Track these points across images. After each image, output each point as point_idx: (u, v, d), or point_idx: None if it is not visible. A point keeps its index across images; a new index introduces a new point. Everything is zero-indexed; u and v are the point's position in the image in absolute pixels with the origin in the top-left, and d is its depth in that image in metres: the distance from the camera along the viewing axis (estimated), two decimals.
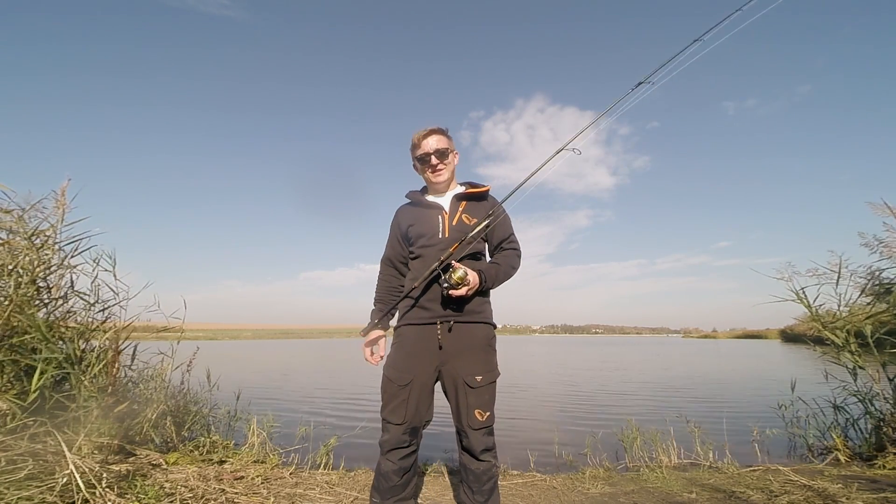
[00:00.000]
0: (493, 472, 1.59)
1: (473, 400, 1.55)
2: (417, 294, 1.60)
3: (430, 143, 1.67)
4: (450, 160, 1.70)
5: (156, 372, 2.80)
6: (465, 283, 1.47)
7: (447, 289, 1.47)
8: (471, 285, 1.50)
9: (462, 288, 1.48)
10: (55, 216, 2.64)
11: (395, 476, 1.53)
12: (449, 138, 1.72)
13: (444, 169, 1.69)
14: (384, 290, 1.80)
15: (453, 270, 1.47)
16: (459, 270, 1.47)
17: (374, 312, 1.77)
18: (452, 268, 1.48)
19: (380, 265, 1.84)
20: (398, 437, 1.53)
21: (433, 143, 1.67)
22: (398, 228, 1.77)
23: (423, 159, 1.68)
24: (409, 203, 1.79)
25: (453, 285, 1.46)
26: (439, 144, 1.67)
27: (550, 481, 2.48)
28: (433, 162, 1.67)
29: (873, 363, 2.91)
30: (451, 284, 1.46)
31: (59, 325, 2.48)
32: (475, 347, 1.59)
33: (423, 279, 1.56)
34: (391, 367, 1.61)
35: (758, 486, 2.26)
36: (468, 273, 1.49)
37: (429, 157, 1.66)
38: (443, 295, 1.51)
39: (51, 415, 2.12)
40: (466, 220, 1.65)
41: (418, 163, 1.71)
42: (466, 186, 1.76)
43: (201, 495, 1.96)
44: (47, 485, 1.63)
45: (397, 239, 1.77)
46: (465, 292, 1.50)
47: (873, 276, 3.14)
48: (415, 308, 1.61)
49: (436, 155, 1.66)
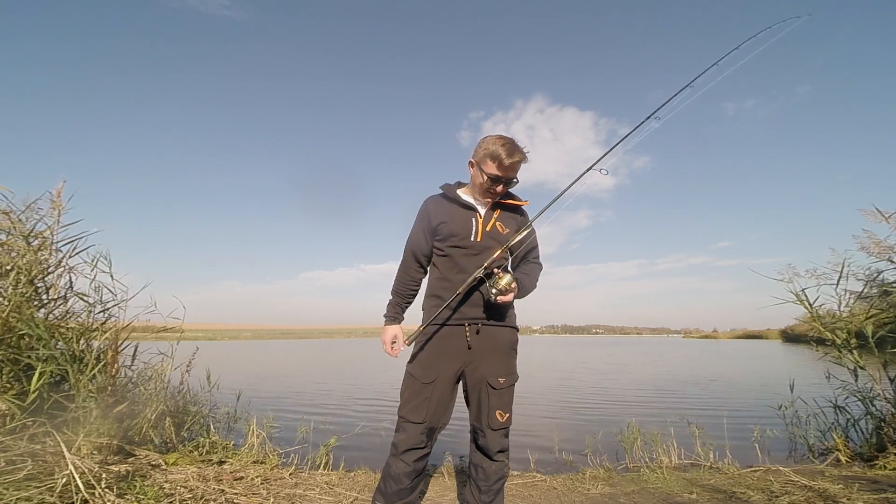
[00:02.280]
0: (504, 473, 1.60)
1: (495, 401, 1.55)
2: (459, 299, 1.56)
3: (515, 170, 1.57)
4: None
5: (155, 372, 2.80)
6: (511, 290, 1.48)
7: (496, 294, 1.46)
8: (515, 292, 1.51)
9: (510, 294, 1.48)
10: (51, 217, 2.65)
11: (406, 479, 1.51)
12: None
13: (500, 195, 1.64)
14: (404, 283, 1.73)
15: (499, 277, 1.46)
16: (507, 276, 1.47)
17: (392, 305, 1.72)
18: (497, 274, 1.47)
19: (404, 254, 1.74)
20: (416, 436, 1.51)
21: (516, 172, 1.58)
22: (427, 221, 1.66)
23: (496, 179, 1.55)
24: (442, 196, 1.69)
25: (502, 291, 1.46)
26: (517, 173, 1.59)
27: (550, 482, 2.47)
28: (500, 190, 1.59)
29: (874, 363, 2.91)
30: (499, 290, 1.46)
31: (59, 325, 2.48)
32: (500, 350, 1.59)
33: (467, 285, 1.51)
34: (416, 366, 1.59)
35: (758, 486, 2.25)
36: (515, 280, 1.49)
37: (501, 181, 1.56)
38: (486, 301, 1.52)
39: (50, 415, 2.12)
40: (500, 228, 1.62)
41: (487, 176, 1.56)
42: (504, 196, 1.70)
43: (201, 496, 1.96)
44: (46, 485, 1.62)
45: (424, 232, 1.68)
46: (511, 298, 1.51)
47: (872, 277, 3.13)
48: (444, 309, 1.58)
49: (507, 184, 1.59)
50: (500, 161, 1.52)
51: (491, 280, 1.48)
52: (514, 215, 1.69)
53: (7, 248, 2.43)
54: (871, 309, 3.04)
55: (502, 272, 1.48)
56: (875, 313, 3.00)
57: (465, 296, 1.57)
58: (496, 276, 1.47)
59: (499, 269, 1.50)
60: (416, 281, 1.74)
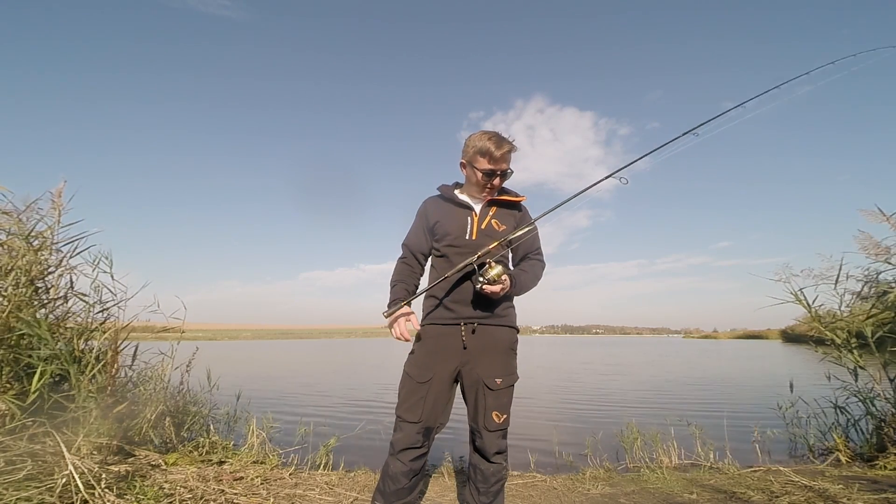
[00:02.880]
0: (502, 475, 1.59)
1: (492, 402, 1.54)
2: (447, 287, 1.55)
3: (506, 160, 1.59)
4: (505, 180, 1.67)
5: (155, 372, 2.80)
6: (500, 282, 1.44)
7: (483, 283, 1.43)
8: (505, 285, 1.48)
9: (497, 285, 1.45)
10: (52, 217, 2.65)
11: (403, 478, 1.50)
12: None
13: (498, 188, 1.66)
14: (404, 273, 1.71)
15: (490, 267, 1.43)
16: (497, 267, 1.43)
17: (398, 290, 1.67)
18: (489, 265, 1.44)
19: (401, 249, 1.75)
20: (412, 436, 1.51)
21: (507, 162, 1.59)
22: (425, 220, 1.70)
23: (490, 174, 1.58)
24: (440, 196, 1.73)
25: (489, 281, 1.42)
26: (509, 165, 1.60)
27: (550, 482, 2.47)
28: (496, 183, 1.61)
29: (874, 363, 2.91)
30: (487, 280, 1.42)
31: (59, 325, 2.48)
32: (497, 350, 1.58)
33: (456, 270, 1.50)
34: (412, 365, 1.59)
35: (758, 486, 2.25)
36: (505, 272, 1.47)
37: (495, 174, 1.58)
38: (475, 291, 1.49)
39: (50, 415, 2.12)
40: (496, 225, 1.62)
41: (480, 175, 1.59)
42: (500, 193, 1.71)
43: (200, 496, 1.96)
44: (46, 485, 1.63)
45: (423, 229, 1.70)
46: (500, 290, 1.47)
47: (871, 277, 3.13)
48: (439, 308, 1.58)
49: (502, 176, 1.60)
50: (490, 155, 1.56)
51: (481, 269, 1.45)
52: (511, 212, 1.68)
53: (7, 248, 2.43)
54: (872, 309, 3.04)
55: (494, 262, 1.45)
56: (875, 313, 3.00)
57: (461, 295, 1.56)
58: (487, 265, 1.44)
59: (491, 261, 1.47)
60: (414, 272, 1.72)
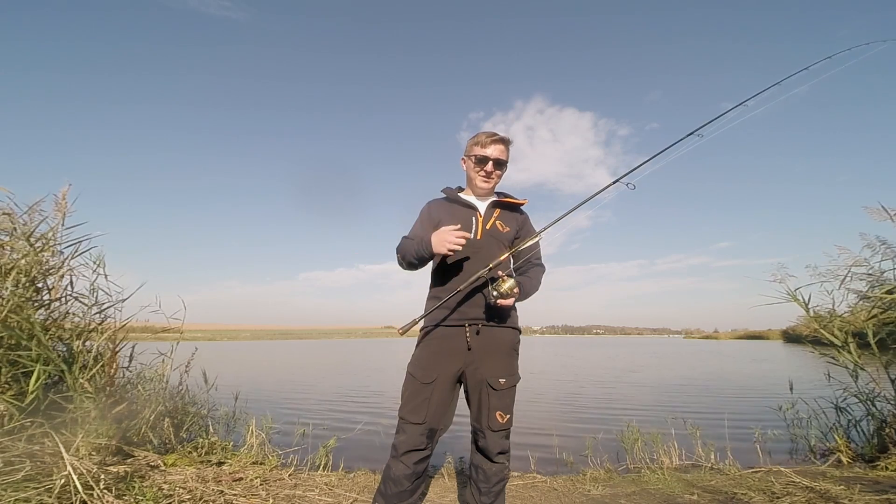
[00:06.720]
0: (504, 475, 1.59)
1: (496, 402, 1.55)
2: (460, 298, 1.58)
3: (495, 149, 1.67)
4: (502, 172, 1.72)
5: (154, 373, 2.80)
6: (513, 294, 1.49)
7: (497, 297, 1.47)
8: (517, 297, 1.53)
9: (510, 298, 1.49)
10: (55, 218, 2.65)
11: (406, 481, 1.49)
12: (508, 151, 1.72)
13: (496, 179, 1.71)
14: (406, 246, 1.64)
15: (503, 280, 1.47)
16: (510, 280, 1.48)
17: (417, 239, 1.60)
18: (501, 277, 1.48)
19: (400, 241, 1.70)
20: (416, 438, 1.50)
21: (497, 151, 1.67)
22: (429, 218, 1.72)
23: (481, 160, 1.66)
24: (444, 198, 1.78)
25: (503, 294, 1.47)
26: (501, 155, 1.68)
27: (551, 483, 2.47)
28: (489, 168, 1.67)
29: (875, 364, 2.90)
30: (500, 294, 1.47)
31: (57, 325, 2.47)
32: (500, 351, 1.60)
33: (469, 284, 1.53)
34: (416, 366, 1.59)
35: (759, 487, 2.24)
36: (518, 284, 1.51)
37: (487, 162, 1.66)
38: (488, 303, 1.53)
39: (48, 416, 2.12)
40: (501, 226, 1.67)
41: (473, 161, 1.68)
42: (501, 196, 1.77)
43: (200, 497, 1.95)
44: (45, 486, 1.62)
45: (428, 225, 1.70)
46: (513, 302, 1.53)
47: (875, 277, 3.12)
48: (442, 310, 1.59)
49: (495, 163, 1.67)
50: (481, 143, 1.68)
51: (494, 283, 1.49)
52: (513, 214, 1.74)
53: (8, 249, 2.43)
54: (874, 309, 3.03)
55: (506, 276, 1.50)
56: (876, 313, 2.99)
57: (466, 296, 1.58)
58: (500, 279, 1.48)
59: (503, 273, 1.51)
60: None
